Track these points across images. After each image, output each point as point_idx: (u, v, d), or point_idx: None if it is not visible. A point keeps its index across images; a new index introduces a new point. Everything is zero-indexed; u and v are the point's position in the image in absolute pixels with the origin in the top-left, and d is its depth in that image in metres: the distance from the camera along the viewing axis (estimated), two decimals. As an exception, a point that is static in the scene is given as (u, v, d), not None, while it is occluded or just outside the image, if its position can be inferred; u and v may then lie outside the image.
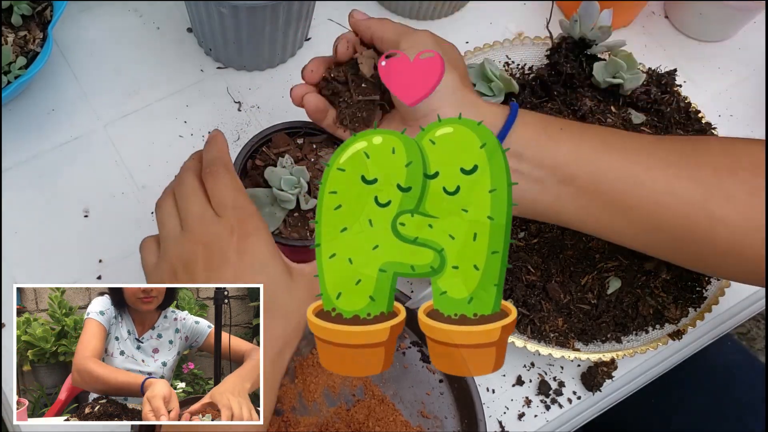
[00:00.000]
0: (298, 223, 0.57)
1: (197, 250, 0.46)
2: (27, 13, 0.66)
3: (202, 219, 0.47)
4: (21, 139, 0.69)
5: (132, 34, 0.75)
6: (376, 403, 0.59)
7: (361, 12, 0.58)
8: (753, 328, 1.50)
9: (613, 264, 0.59)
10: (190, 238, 0.47)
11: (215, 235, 0.46)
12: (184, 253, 0.47)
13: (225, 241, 0.46)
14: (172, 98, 0.72)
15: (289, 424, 0.57)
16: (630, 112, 0.64)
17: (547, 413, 0.63)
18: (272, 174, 0.55)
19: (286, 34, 0.70)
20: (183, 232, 0.47)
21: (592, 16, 0.64)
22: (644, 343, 0.61)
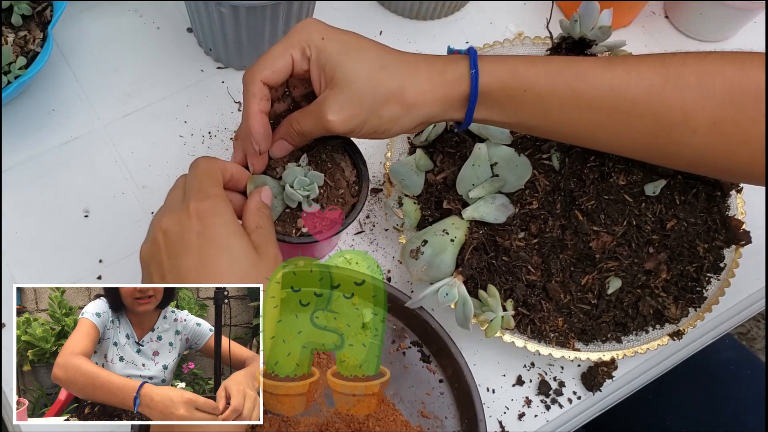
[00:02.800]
0: (287, 219, 0.57)
1: (158, 237, 0.47)
2: (27, 13, 0.66)
3: (170, 206, 0.48)
4: (21, 139, 0.69)
5: (132, 34, 0.75)
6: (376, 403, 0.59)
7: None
8: (753, 328, 1.50)
9: (613, 264, 0.59)
10: (155, 225, 0.47)
11: (176, 220, 0.46)
12: (155, 241, 0.47)
13: (185, 226, 0.46)
14: (172, 98, 0.72)
15: (289, 424, 0.57)
16: (630, 112, 0.64)
17: (547, 413, 0.63)
18: (289, 172, 0.56)
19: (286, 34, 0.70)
20: (153, 220, 0.49)
21: (592, 16, 0.64)
22: (644, 343, 0.61)
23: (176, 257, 0.46)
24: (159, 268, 0.46)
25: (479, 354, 0.64)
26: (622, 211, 0.59)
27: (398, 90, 0.50)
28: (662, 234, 0.60)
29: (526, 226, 0.60)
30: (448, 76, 0.51)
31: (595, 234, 0.59)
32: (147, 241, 0.48)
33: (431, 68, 0.51)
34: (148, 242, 0.48)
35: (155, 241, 0.47)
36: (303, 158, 0.58)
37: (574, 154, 0.61)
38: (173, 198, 0.49)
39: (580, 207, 0.59)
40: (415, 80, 0.51)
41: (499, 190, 0.60)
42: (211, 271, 0.45)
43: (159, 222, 0.47)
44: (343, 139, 0.60)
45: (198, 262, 0.45)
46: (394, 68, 0.51)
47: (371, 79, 0.50)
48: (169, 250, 0.46)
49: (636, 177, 0.60)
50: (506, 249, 0.59)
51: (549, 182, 0.61)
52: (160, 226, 0.47)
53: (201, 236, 0.46)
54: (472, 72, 0.51)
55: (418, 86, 0.51)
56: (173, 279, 0.46)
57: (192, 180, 0.49)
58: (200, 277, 0.45)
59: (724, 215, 0.62)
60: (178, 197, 0.48)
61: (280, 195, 0.56)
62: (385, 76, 0.50)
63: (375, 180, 0.70)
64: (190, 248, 0.45)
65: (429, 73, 0.51)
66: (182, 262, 0.45)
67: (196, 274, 0.45)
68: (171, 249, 0.46)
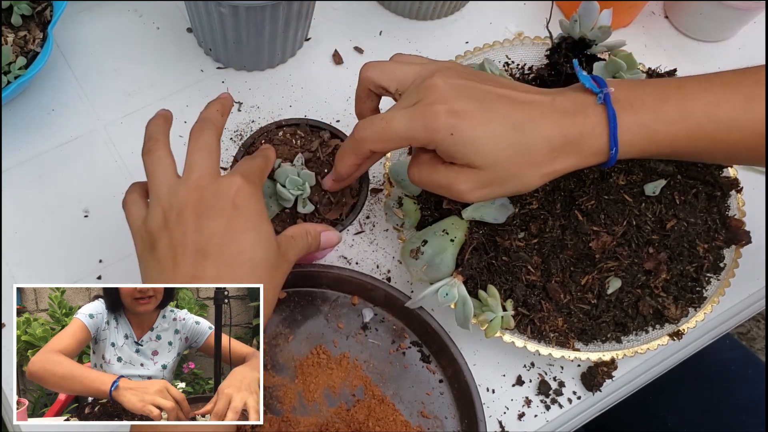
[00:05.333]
0: (287, 219, 0.57)
1: (192, 196, 0.47)
2: (27, 13, 0.66)
3: (209, 172, 0.48)
4: (21, 139, 0.69)
5: (132, 34, 0.75)
6: (376, 403, 0.59)
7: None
8: (753, 328, 1.50)
9: (613, 264, 0.59)
10: (189, 184, 0.47)
11: (217, 186, 0.47)
12: (181, 198, 0.47)
13: (225, 193, 0.47)
14: (172, 98, 0.72)
15: (289, 424, 0.57)
16: (630, 112, 0.64)
17: (547, 413, 0.63)
18: (281, 171, 0.56)
19: (286, 34, 0.70)
20: (182, 179, 0.48)
21: (591, 16, 0.64)
22: (644, 343, 0.61)
23: (205, 218, 0.46)
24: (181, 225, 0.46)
25: (479, 354, 0.64)
26: (622, 211, 0.59)
27: (536, 167, 0.49)
28: (662, 234, 0.60)
29: (526, 226, 0.60)
30: (585, 150, 0.49)
31: (595, 234, 0.59)
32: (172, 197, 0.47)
33: (568, 144, 0.49)
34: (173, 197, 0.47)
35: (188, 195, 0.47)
36: (298, 157, 0.58)
37: (574, 154, 0.61)
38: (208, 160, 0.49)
39: (580, 207, 0.59)
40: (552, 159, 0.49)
41: (499, 190, 0.60)
42: (234, 242, 0.46)
43: (199, 179, 0.47)
44: (342, 139, 0.60)
45: (225, 229, 0.46)
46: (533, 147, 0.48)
47: (512, 163, 0.49)
48: (198, 208, 0.46)
49: (636, 177, 0.60)
50: (506, 249, 0.59)
51: (549, 182, 0.61)
52: (198, 183, 0.47)
53: (236, 208, 0.47)
54: (611, 151, 0.49)
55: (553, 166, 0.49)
56: (193, 240, 0.46)
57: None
58: (223, 244, 0.46)
59: (724, 215, 0.62)
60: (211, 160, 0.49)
61: (274, 195, 0.56)
62: (523, 159, 0.49)
63: (375, 180, 0.70)
64: (223, 213, 0.46)
65: (566, 150, 0.49)
66: (210, 224, 0.46)
67: (219, 240, 0.46)
68: (202, 207, 0.46)
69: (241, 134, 0.71)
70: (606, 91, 0.49)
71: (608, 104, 0.49)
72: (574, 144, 0.49)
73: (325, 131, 0.60)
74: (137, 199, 0.50)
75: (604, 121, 0.49)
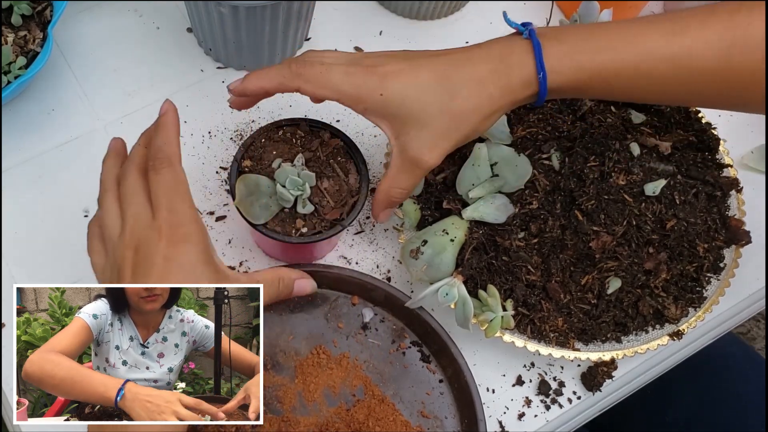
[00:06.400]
0: (286, 219, 0.57)
1: (127, 255, 0.45)
2: (27, 13, 0.66)
3: (137, 221, 0.46)
4: (21, 139, 0.69)
5: (132, 34, 0.75)
6: (376, 403, 0.59)
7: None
8: (753, 328, 1.50)
9: (613, 264, 0.59)
10: (124, 241, 0.46)
11: (145, 239, 0.45)
12: (118, 257, 0.46)
13: (153, 246, 0.45)
14: (172, 98, 0.71)
15: (289, 424, 0.57)
16: (630, 111, 0.64)
17: (547, 413, 0.63)
18: (281, 171, 0.56)
19: (285, 34, 0.70)
20: (120, 234, 0.46)
21: (592, 16, 0.64)
22: (644, 343, 0.61)
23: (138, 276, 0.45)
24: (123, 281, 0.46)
25: (479, 354, 0.64)
26: (622, 211, 0.59)
27: (474, 110, 0.51)
28: (662, 234, 0.60)
29: (526, 226, 0.60)
30: (514, 80, 0.51)
31: (595, 234, 0.59)
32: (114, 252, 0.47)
33: (496, 75, 0.51)
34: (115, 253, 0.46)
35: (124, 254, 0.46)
36: (298, 158, 0.58)
37: (574, 154, 0.61)
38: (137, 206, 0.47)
39: (580, 207, 0.59)
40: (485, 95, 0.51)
41: (499, 190, 0.60)
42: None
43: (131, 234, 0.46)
44: (342, 139, 0.60)
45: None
46: (462, 90, 0.51)
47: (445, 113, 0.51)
48: (133, 268, 0.45)
49: (636, 177, 0.60)
50: (506, 249, 0.59)
51: (549, 182, 0.61)
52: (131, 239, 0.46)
53: (168, 260, 0.45)
54: (539, 76, 0.51)
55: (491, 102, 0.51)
56: None
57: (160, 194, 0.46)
58: None
59: (724, 215, 0.62)
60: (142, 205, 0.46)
61: (274, 195, 0.56)
62: (457, 104, 0.51)
63: (375, 180, 0.70)
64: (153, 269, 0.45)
65: (496, 81, 0.51)
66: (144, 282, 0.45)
67: None
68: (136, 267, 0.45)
69: (241, 134, 0.71)
70: (531, 27, 0.52)
71: (533, 36, 0.51)
72: (503, 77, 0.51)
73: (325, 131, 0.60)
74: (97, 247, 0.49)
75: (530, 50, 0.51)
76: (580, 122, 0.63)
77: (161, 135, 0.48)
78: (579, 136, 0.61)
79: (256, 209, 0.56)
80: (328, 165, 0.59)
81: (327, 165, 0.59)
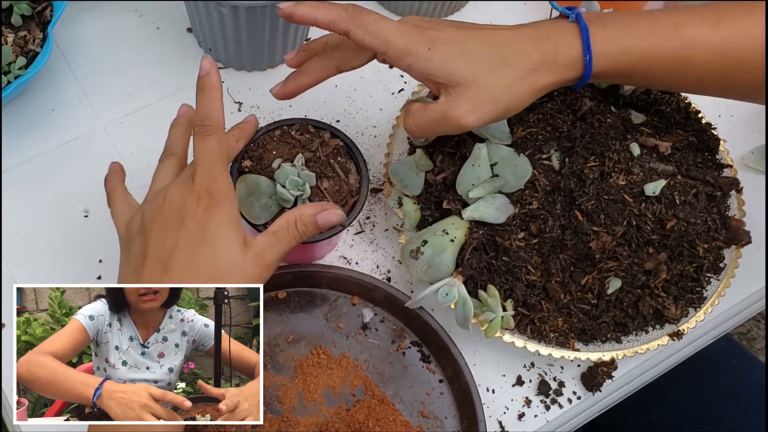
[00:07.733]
0: None
1: (162, 209, 0.48)
2: (27, 13, 0.66)
3: (180, 181, 0.49)
4: (21, 139, 0.69)
5: (132, 34, 0.75)
6: (376, 403, 0.59)
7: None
8: (753, 328, 1.50)
9: (613, 264, 0.59)
10: (163, 195, 0.49)
11: (182, 199, 0.48)
12: (154, 208, 0.49)
13: (189, 207, 0.47)
14: (172, 98, 0.72)
15: (289, 424, 0.57)
16: (630, 112, 0.64)
17: (547, 413, 0.63)
18: (281, 171, 0.56)
19: (285, 34, 0.70)
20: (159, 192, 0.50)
21: (592, 16, 0.64)
22: (644, 343, 0.61)
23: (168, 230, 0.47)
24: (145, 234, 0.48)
25: (479, 354, 0.64)
26: (622, 212, 0.59)
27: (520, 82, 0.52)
28: (662, 234, 0.60)
29: (526, 226, 0.60)
30: (561, 60, 0.53)
31: (595, 234, 0.59)
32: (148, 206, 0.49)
33: (543, 53, 0.52)
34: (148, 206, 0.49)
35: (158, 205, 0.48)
36: (298, 158, 0.58)
37: (574, 154, 0.61)
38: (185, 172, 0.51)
39: (580, 207, 0.59)
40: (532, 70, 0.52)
41: (499, 190, 0.60)
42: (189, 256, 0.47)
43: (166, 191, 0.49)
44: (342, 139, 0.60)
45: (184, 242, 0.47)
46: (510, 61, 0.52)
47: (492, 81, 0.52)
48: (164, 222, 0.48)
49: (636, 177, 0.60)
50: (506, 249, 0.59)
51: (549, 182, 0.61)
52: (165, 196, 0.49)
53: (197, 221, 0.47)
54: (585, 58, 0.52)
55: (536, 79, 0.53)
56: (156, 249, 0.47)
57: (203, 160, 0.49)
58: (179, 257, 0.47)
59: (724, 215, 0.62)
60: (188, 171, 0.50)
61: (274, 195, 0.56)
62: (504, 73, 0.52)
63: (375, 180, 0.70)
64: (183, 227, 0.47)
65: (542, 58, 0.52)
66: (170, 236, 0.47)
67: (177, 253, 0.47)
68: (167, 221, 0.48)
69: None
70: (577, 10, 0.54)
71: (580, 20, 0.53)
72: (550, 55, 0.52)
73: (325, 131, 0.60)
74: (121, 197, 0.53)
75: (577, 33, 0.53)
76: (580, 122, 0.63)
77: (206, 101, 0.50)
78: (579, 136, 0.61)
79: (256, 209, 0.56)
80: (328, 165, 0.59)
81: (327, 165, 0.59)
